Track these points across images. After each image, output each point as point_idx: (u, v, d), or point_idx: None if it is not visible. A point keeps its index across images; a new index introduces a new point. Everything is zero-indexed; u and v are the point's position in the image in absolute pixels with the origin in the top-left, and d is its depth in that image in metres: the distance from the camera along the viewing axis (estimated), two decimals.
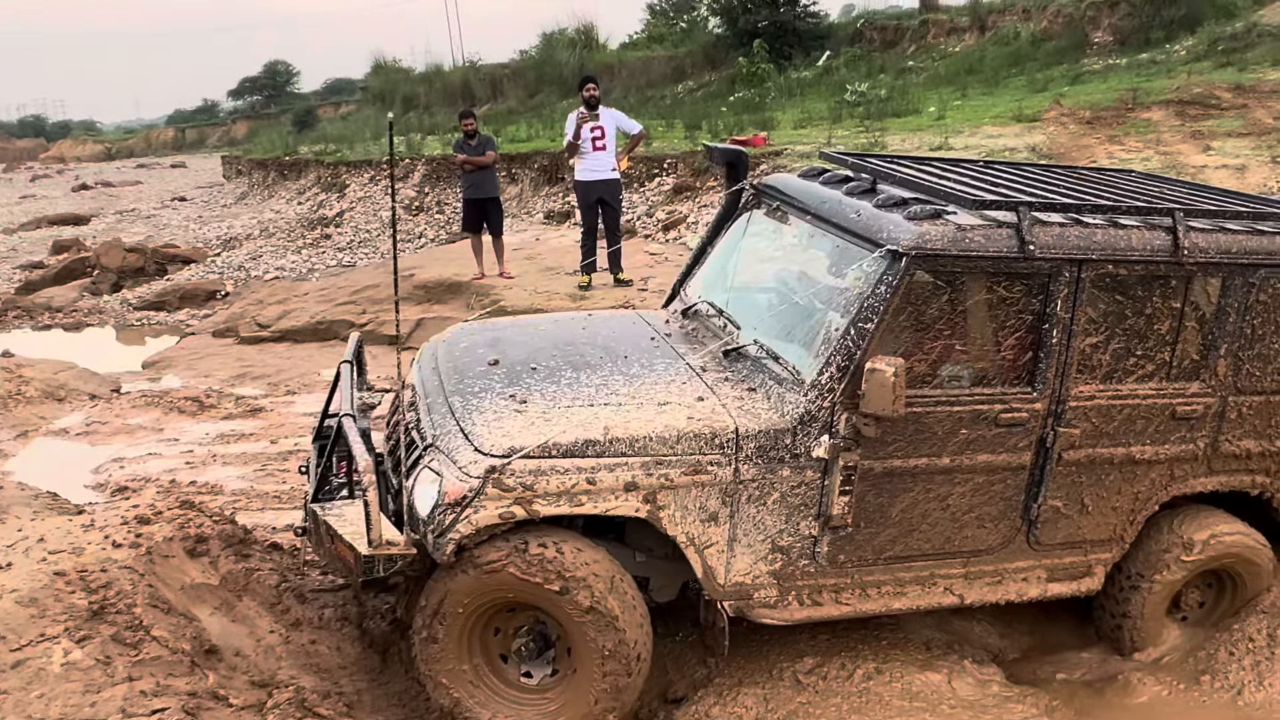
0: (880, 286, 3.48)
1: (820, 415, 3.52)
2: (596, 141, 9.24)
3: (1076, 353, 3.70)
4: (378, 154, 19.92)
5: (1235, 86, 12.96)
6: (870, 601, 3.81)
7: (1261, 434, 4.07)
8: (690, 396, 3.64)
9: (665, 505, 3.46)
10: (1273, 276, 3.89)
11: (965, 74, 19.19)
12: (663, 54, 28.79)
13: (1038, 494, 3.83)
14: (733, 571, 3.62)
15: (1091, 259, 3.62)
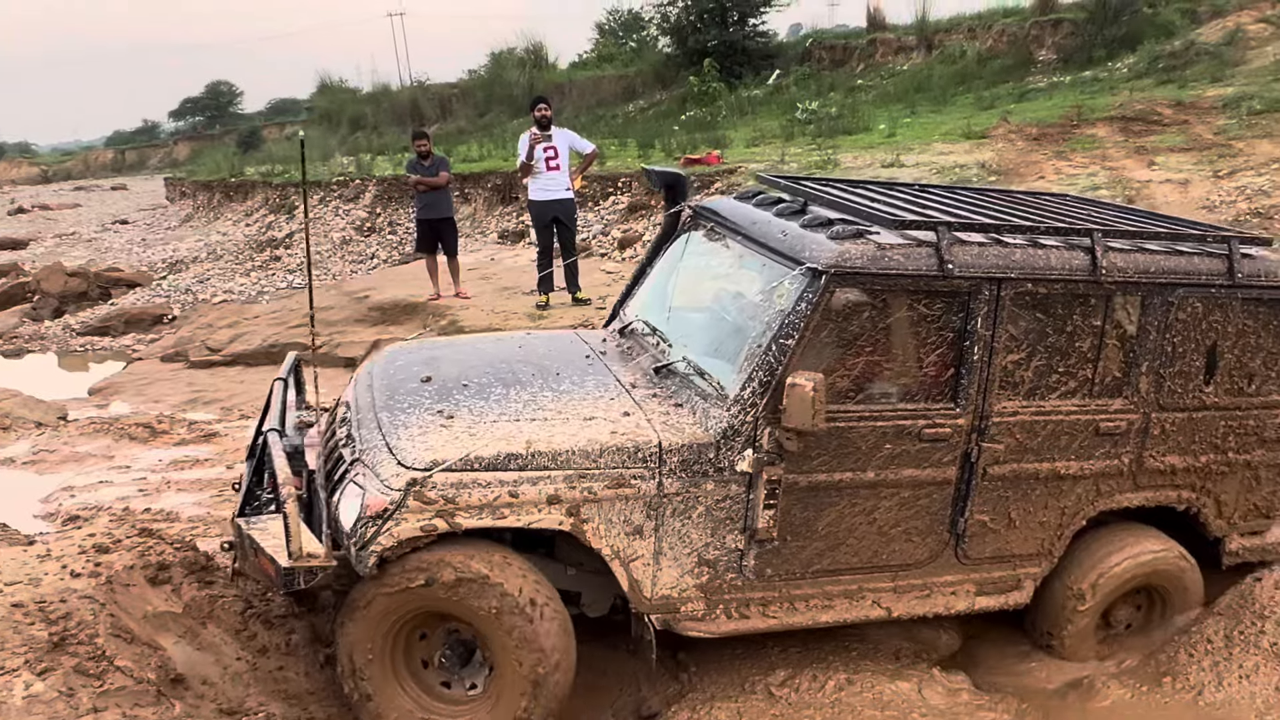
0: (801, 303, 3.59)
1: (743, 430, 3.60)
2: (550, 161, 9.29)
3: (999, 369, 3.81)
4: (326, 175, 19.80)
5: (1176, 103, 13.38)
6: (797, 615, 3.89)
7: (1185, 450, 4.19)
8: (616, 412, 3.72)
9: (589, 518, 3.53)
10: (1191, 295, 4.02)
11: (914, 92, 19.58)
12: (613, 73, 28.98)
13: (964, 508, 3.93)
14: (659, 585, 3.69)
15: (1010, 278, 3.74)
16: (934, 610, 4.07)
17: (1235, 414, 4.23)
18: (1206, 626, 4.28)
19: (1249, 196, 8.57)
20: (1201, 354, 4.11)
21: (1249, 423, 4.26)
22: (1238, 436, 4.26)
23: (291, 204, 19.61)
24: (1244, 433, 4.26)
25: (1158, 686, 4.03)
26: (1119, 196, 9.41)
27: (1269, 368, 4.24)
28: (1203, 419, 4.18)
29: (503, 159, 17.97)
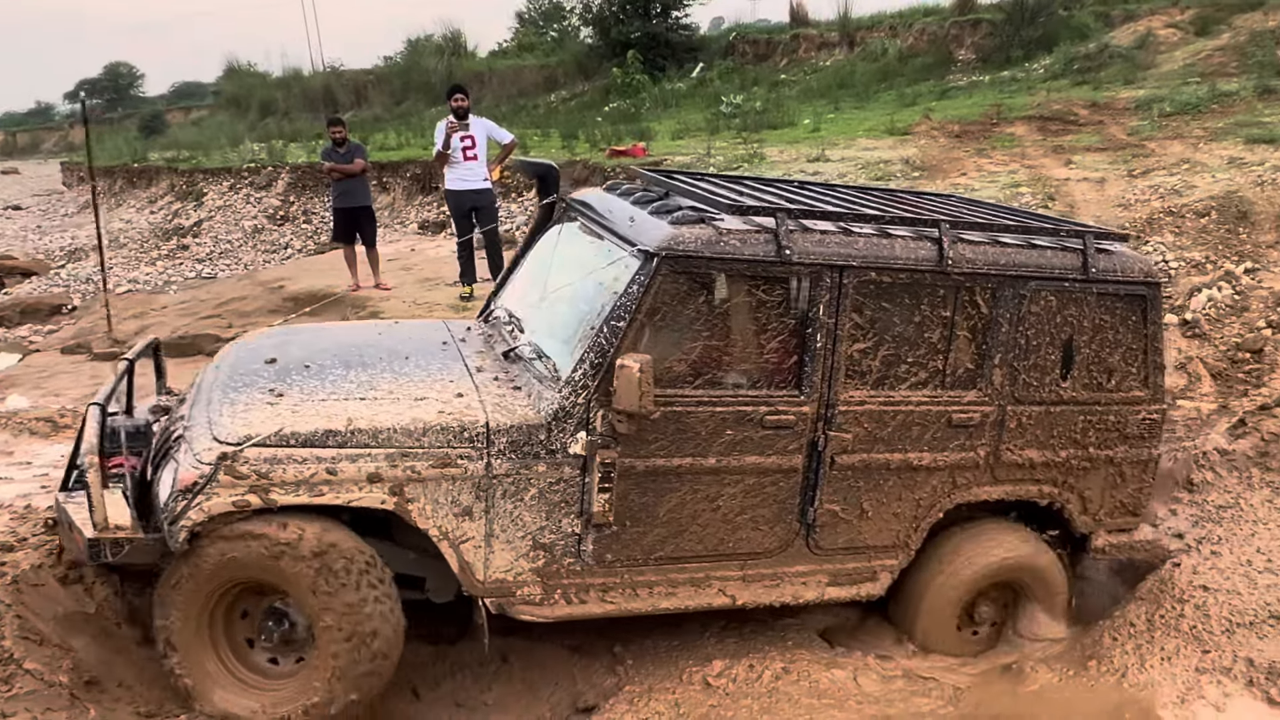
0: (633, 286, 3.64)
1: (575, 411, 3.63)
2: (467, 151, 9.21)
3: (844, 358, 3.87)
4: (236, 161, 19.29)
5: (1091, 104, 13.82)
6: (638, 601, 3.90)
7: (1044, 444, 4.26)
8: (450, 393, 3.74)
9: (414, 498, 3.54)
10: (1044, 289, 4.11)
11: (837, 88, 19.87)
12: (534, 63, 28.81)
13: (814, 498, 3.96)
14: (492, 568, 3.69)
15: (853, 265, 3.81)
16: (781, 599, 4.09)
17: (1095, 409, 4.30)
18: (1129, 611, 4.44)
19: (1162, 195, 8.88)
20: (1057, 348, 4.19)
21: (1109, 418, 4.33)
22: (1098, 432, 4.33)
23: (200, 191, 19.07)
24: (1105, 428, 4.34)
25: (1084, 670, 4.17)
26: (1039, 194, 9.69)
27: (1128, 363, 4.33)
28: (1061, 413, 4.25)
29: (421, 148, 17.73)
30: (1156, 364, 4.38)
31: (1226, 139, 10.51)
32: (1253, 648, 4.16)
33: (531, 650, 4.25)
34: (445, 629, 4.45)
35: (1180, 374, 6.61)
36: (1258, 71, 13.26)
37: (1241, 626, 4.29)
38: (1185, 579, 4.57)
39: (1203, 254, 7.76)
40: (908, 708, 3.86)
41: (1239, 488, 5.26)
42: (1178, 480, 5.51)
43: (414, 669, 4.14)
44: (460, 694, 4.05)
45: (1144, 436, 4.43)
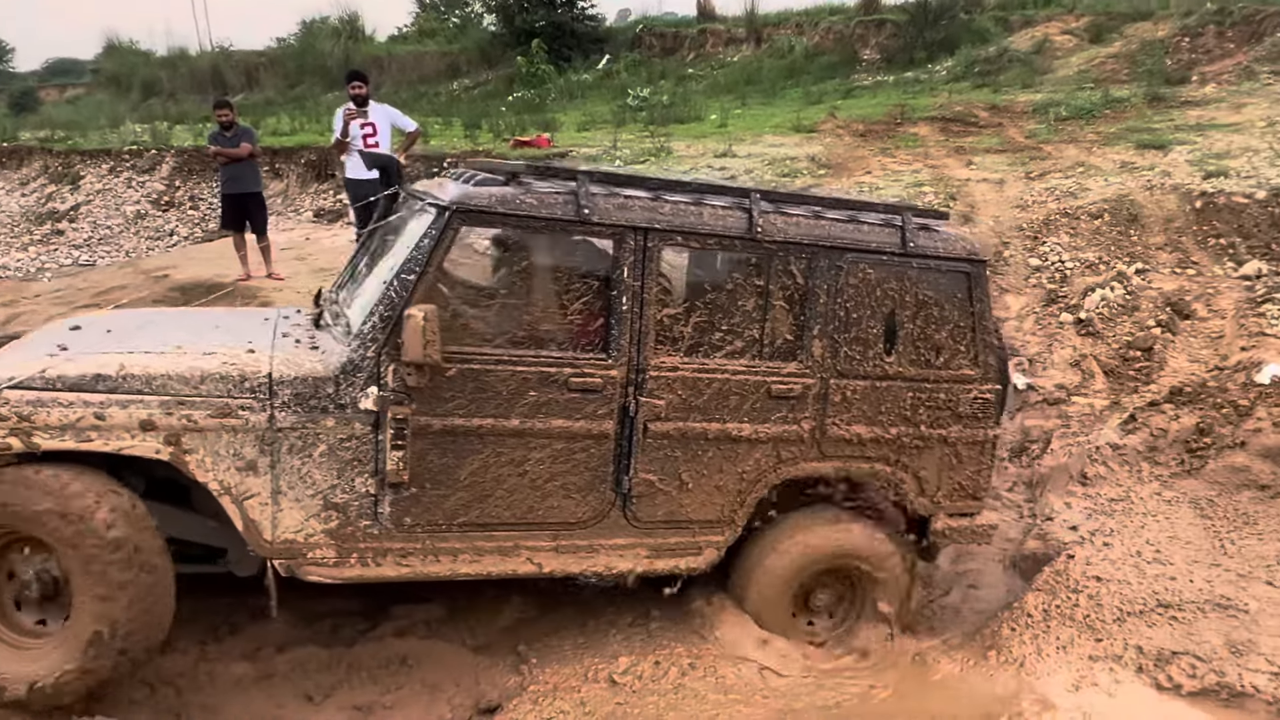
0: (425, 239, 3.67)
1: (365, 365, 3.63)
2: (367, 139, 9.02)
3: (653, 322, 3.90)
4: (117, 143, 18.53)
5: (991, 106, 14.25)
6: (437, 565, 3.85)
7: (872, 420, 4.30)
8: (241, 350, 3.72)
9: (192, 449, 3.49)
10: (861, 262, 4.19)
11: (744, 84, 20.08)
12: (435, 50, 28.36)
13: (628, 466, 3.96)
14: (281, 527, 3.65)
15: (657, 229, 3.86)
16: (593, 569, 4.07)
17: (924, 386, 4.36)
18: (1027, 602, 4.60)
19: (1058, 197, 9.21)
20: (879, 322, 4.26)
21: (940, 396, 4.40)
22: (930, 410, 4.39)
23: (76, 173, 18.26)
24: (936, 406, 4.40)
25: (984, 660, 4.30)
26: (941, 194, 9.95)
27: (956, 341, 4.41)
28: (888, 389, 4.30)
29: (317, 133, 17.30)
30: (985, 343, 4.46)
31: (1119, 144, 10.96)
32: (1142, 635, 4.36)
33: (432, 651, 4.20)
34: (342, 631, 4.37)
35: (1075, 370, 6.87)
36: (1147, 79, 13.86)
37: (1132, 615, 4.48)
38: (1079, 570, 4.75)
39: (1096, 255, 8.07)
40: (814, 700, 3.92)
41: (1130, 481, 5.50)
42: (1072, 474, 5.74)
43: (308, 673, 4.06)
44: (358, 697, 3.97)
45: (978, 416, 4.47)
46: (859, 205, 4.40)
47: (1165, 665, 4.20)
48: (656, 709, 3.77)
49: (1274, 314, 6.69)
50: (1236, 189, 8.31)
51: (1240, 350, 6.31)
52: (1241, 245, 7.78)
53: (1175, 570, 4.76)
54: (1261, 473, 5.23)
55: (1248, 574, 4.73)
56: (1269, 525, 5.01)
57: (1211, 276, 7.55)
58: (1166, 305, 7.14)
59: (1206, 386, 5.87)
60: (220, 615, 4.33)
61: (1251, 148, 9.55)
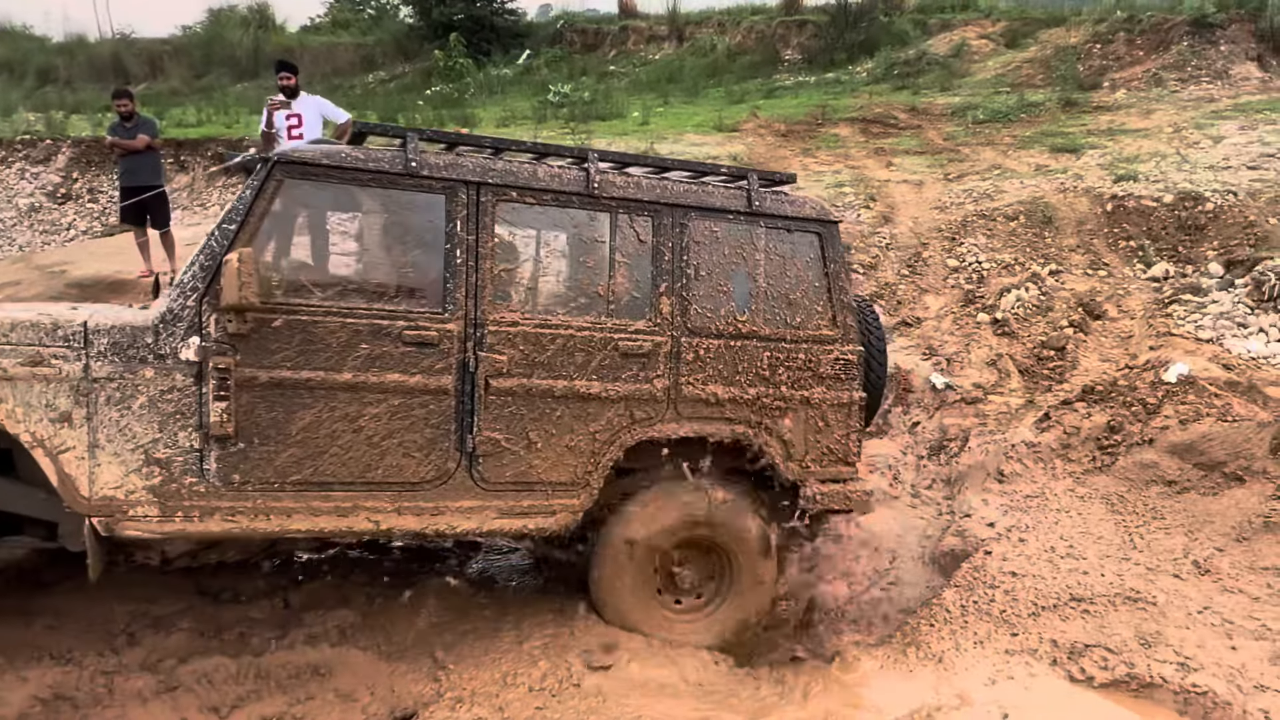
0: (248, 191, 3.74)
1: (185, 314, 3.63)
2: (292, 130, 8.85)
3: (489, 275, 3.96)
4: (9, 132, 17.85)
5: (910, 108, 14.54)
6: (266, 522, 3.79)
7: (729, 380, 4.34)
8: (63, 307, 3.75)
9: (2, 399, 3.45)
10: (706, 220, 4.31)
11: (666, 81, 20.15)
12: (350, 41, 27.90)
13: (472, 425, 3.96)
14: (99, 483, 3.59)
15: (489, 183, 3.95)
16: (434, 528, 4.01)
17: (782, 346, 4.43)
18: (945, 598, 4.69)
19: (975, 199, 9.45)
20: (727, 280, 4.35)
21: (799, 357, 4.46)
22: (789, 370, 4.44)
23: None
24: (796, 367, 4.46)
25: (903, 656, 4.38)
26: (861, 194, 10.12)
27: (812, 301, 4.50)
28: (743, 348, 4.36)
29: (225, 125, 16.91)
30: (843, 303, 4.55)
31: (1034, 147, 11.28)
32: (1056, 629, 4.48)
33: (345, 659, 4.12)
34: (252, 639, 4.27)
35: (991, 370, 7.05)
36: (1061, 84, 14.29)
37: (1046, 609, 4.61)
38: (996, 566, 4.87)
39: (1012, 256, 8.30)
40: (728, 696, 3.95)
41: (1044, 478, 5.66)
42: (989, 472, 5.88)
43: (214, 684, 3.95)
44: (267, 708, 3.87)
45: (840, 378, 4.54)
46: (705, 169, 4.55)
47: (1078, 658, 4.32)
48: (577, 712, 3.76)
49: (1180, 314, 6.96)
50: (1145, 192, 8.62)
51: (1149, 350, 6.55)
52: (1150, 247, 8.08)
53: (1088, 565, 4.91)
54: (1169, 469, 5.43)
55: (1156, 567, 4.90)
56: (1176, 520, 5.20)
57: (1122, 278, 7.82)
58: (1079, 306, 7.37)
59: (1117, 385, 6.07)
60: (119, 624, 4.20)
61: (1159, 152, 9.91)
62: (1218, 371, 6.04)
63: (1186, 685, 4.12)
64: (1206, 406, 5.61)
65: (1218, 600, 4.68)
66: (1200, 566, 4.89)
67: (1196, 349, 6.45)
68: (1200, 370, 5.96)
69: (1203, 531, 5.10)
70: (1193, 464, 5.41)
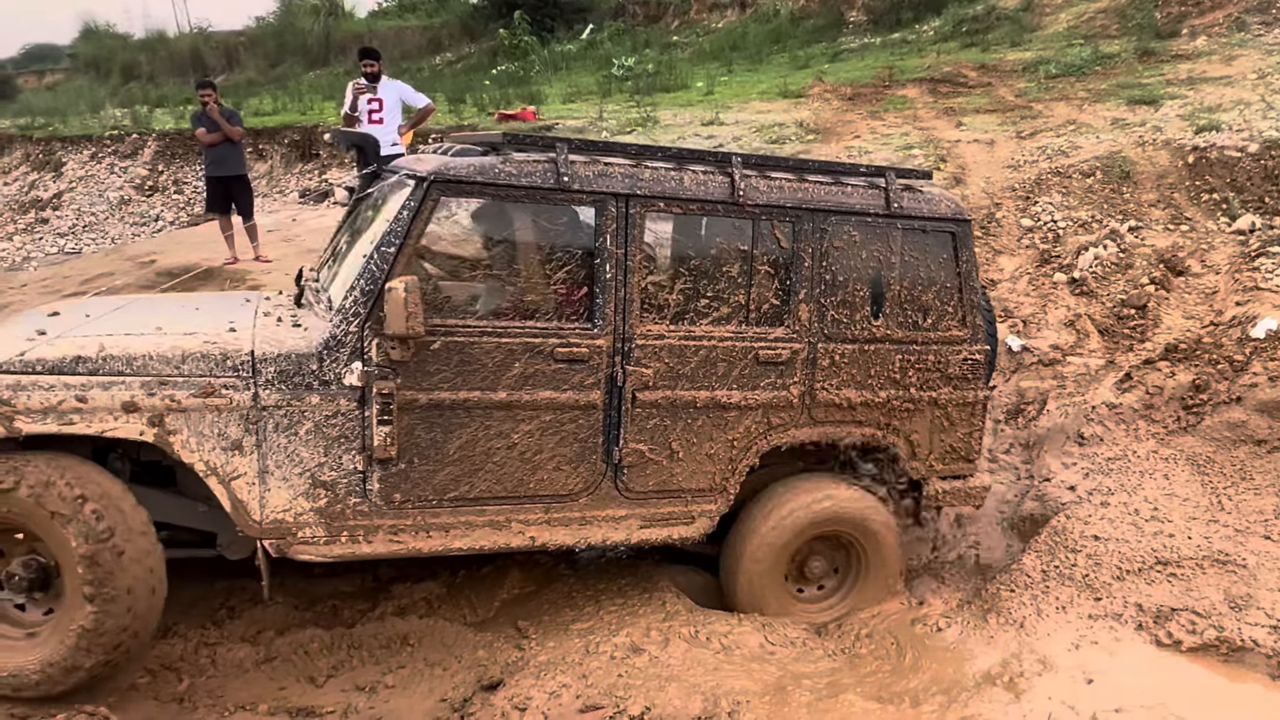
0: (404, 211, 3.67)
1: (348, 340, 3.62)
2: (372, 114, 8.96)
3: (637, 289, 3.90)
4: (98, 128, 18.39)
5: (980, 66, 14.18)
6: (429, 541, 3.84)
7: (862, 384, 4.32)
8: (222, 329, 3.71)
9: (176, 430, 3.47)
10: (845, 224, 4.20)
11: (730, 50, 19.94)
12: (417, 24, 28.16)
13: (618, 437, 3.97)
14: (269, 507, 3.63)
15: (639, 194, 3.86)
16: (588, 539, 4.06)
17: (913, 348, 4.38)
18: (1025, 562, 4.62)
19: (1049, 156, 9.19)
20: (865, 285, 4.27)
21: (929, 358, 4.42)
22: (919, 372, 4.41)
23: (58, 160, 18.12)
24: (925, 368, 4.42)
25: (984, 622, 4.32)
26: (931, 156, 9.91)
27: (944, 302, 4.43)
28: (876, 352, 4.31)
29: (299, 113, 17.20)
30: (973, 303, 4.47)
31: (1109, 100, 10.91)
32: (1141, 593, 4.38)
33: (432, 629, 4.21)
34: (342, 613, 4.39)
35: (1069, 330, 6.87)
36: (1137, 34, 13.78)
37: (1130, 573, 4.51)
38: (1077, 530, 4.77)
39: (1089, 213, 8.06)
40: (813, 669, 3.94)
41: (1126, 440, 5.51)
42: (1069, 435, 5.75)
43: (310, 655, 4.07)
44: (360, 677, 3.98)
45: (968, 378, 4.50)
46: (842, 169, 4.41)
47: (1165, 622, 4.23)
48: (660, 680, 3.78)
49: (1268, 268, 6.69)
50: (1229, 142, 8.29)
51: (1235, 305, 6.31)
52: (1235, 199, 7.77)
53: (1173, 527, 4.79)
54: (1258, 428, 5.24)
55: (1245, 529, 4.76)
56: (1265, 480, 5.03)
57: (1205, 232, 7.54)
58: (1160, 262, 7.13)
59: (1202, 343, 5.87)
60: (218, 599, 4.35)
61: (1243, 100, 9.51)
62: None
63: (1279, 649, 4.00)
64: None
65: None
66: None
67: None
68: None
69: None
70: None
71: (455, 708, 3.76)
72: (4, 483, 3.29)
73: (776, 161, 4.41)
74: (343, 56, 25.21)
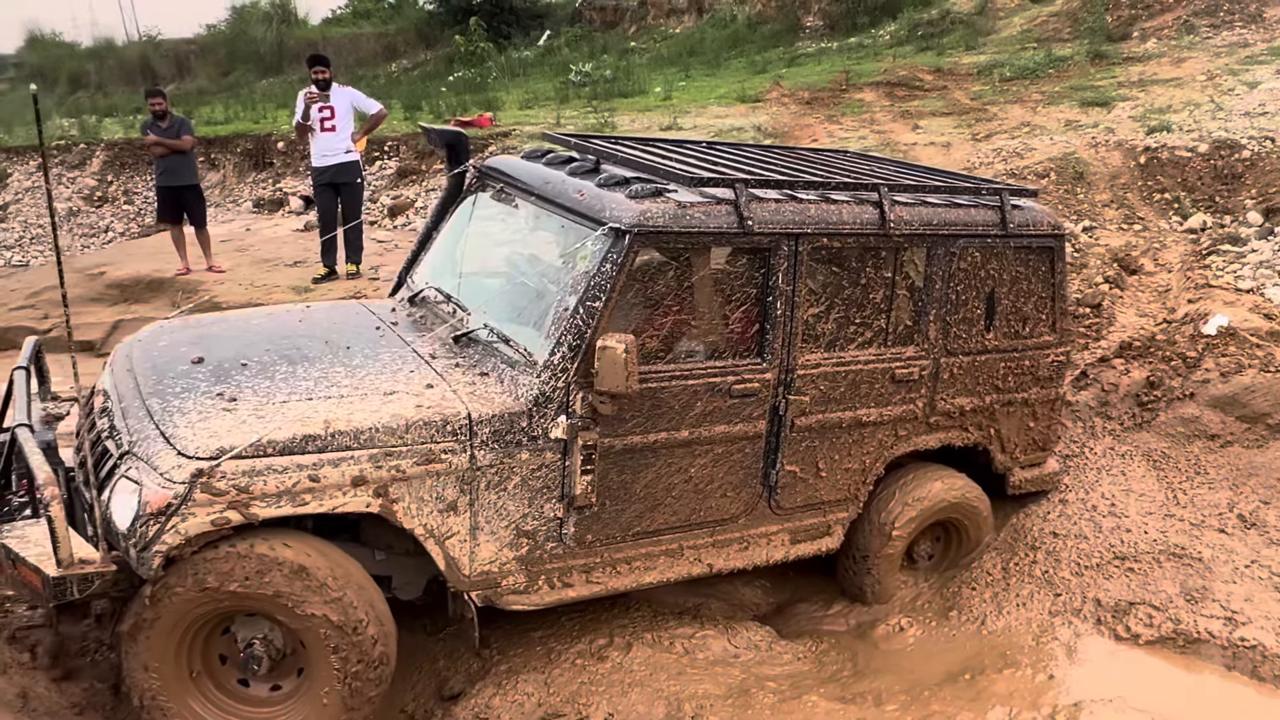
0: (606, 264, 3.63)
1: (555, 396, 3.63)
2: (325, 123, 8.88)
3: (800, 323, 4.03)
4: (46, 139, 18.09)
5: (935, 69, 14.35)
6: (621, 578, 3.97)
7: (972, 392, 4.59)
8: (419, 384, 3.66)
9: (399, 498, 3.45)
10: (970, 246, 4.42)
11: (687, 55, 20.02)
12: (371, 31, 28.02)
13: (775, 461, 4.13)
14: (477, 560, 3.67)
15: (807, 233, 3.95)
16: (754, 561, 4.26)
17: (1013, 356, 4.65)
18: (986, 561, 4.67)
19: (1005, 158, 9.31)
20: (981, 300, 4.50)
21: (1025, 363, 4.69)
22: (1015, 376, 4.68)
23: (3, 172, 17.81)
24: (1020, 372, 4.69)
25: (945, 620, 4.37)
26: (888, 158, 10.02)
27: (1039, 311, 4.70)
28: (985, 362, 4.57)
29: (253, 121, 17.03)
30: (1062, 309, 4.77)
31: (1062, 102, 11.09)
32: (1100, 588, 4.45)
33: None
34: None
35: None
36: (1089, 37, 14.02)
37: (1089, 569, 4.58)
38: (1037, 527, 4.84)
39: None
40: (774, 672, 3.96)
41: (1084, 437, 5.60)
42: None
43: None
44: None
45: (1052, 377, 4.84)
46: (967, 185, 4.61)
47: (1123, 616, 4.30)
48: (622, 685, 3.78)
49: (1219, 265, 6.83)
50: (1179, 143, 8.45)
51: (1187, 303, 6.44)
52: (1186, 199, 7.93)
53: (1130, 523, 4.87)
54: (1211, 422, 5.35)
55: (1200, 523, 4.85)
56: (1220, 474, 5.14)
57: (1157, 231, 7.69)
58: (1114, 261, 7.25)
59: (1155, 340, 5.98)
60: None
61: (1193, 101, 9.71)
62: (1259, 322, 5.92)
63: (1234, 639, 4.08)
64: (1248, 358, 5.51)
65: (1265, 553, 4.63)
66: (1246, 520, 4.84)
67: (1236, 300, 6.33)
68: (1240, 321, 5.84)
69: (1247, 485, 5.04)
70: (1235, 417, 5.33)
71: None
72: (241, 569, 3.21)
73: (901, 176, 4.63)
74: (295, 64, 24.98)
